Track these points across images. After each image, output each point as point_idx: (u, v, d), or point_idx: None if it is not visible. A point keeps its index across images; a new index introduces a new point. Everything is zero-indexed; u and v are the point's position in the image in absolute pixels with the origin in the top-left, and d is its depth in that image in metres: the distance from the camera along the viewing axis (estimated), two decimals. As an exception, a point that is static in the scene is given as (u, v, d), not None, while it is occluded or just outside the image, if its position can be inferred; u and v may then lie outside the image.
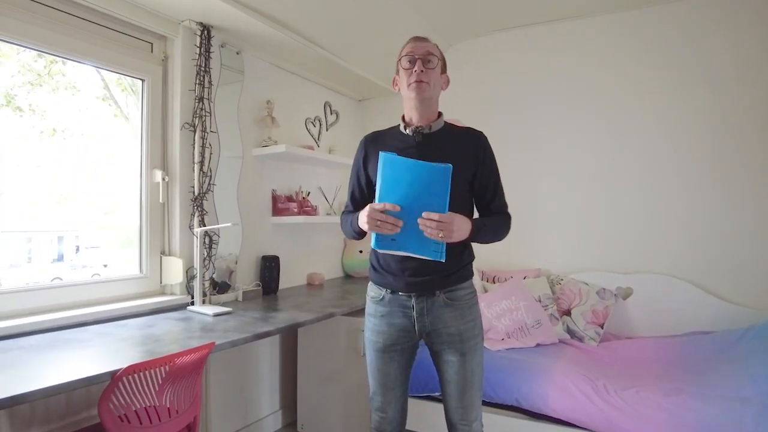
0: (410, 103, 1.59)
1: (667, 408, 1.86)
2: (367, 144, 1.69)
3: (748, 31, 2.59)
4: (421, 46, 1.57)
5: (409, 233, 1.43)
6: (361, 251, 3.38)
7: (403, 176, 1.41)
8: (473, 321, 1.60)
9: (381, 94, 3.54)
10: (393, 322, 1.60)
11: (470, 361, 1.58)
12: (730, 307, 2.56)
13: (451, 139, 1.61)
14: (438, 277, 1.56)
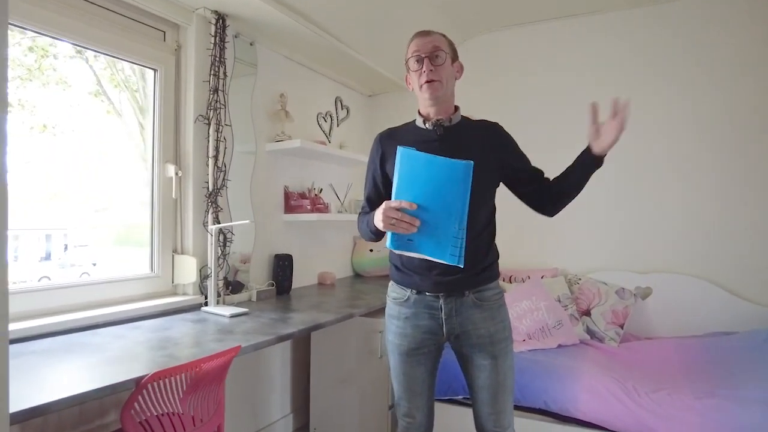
0: (426, 102, 1.54)
1: (700, 411, 1.80)
2: (383, 141, 1.62)
3: (756, 28, 2.55)
4: (426, 42, 1.51)
5: (427, 233, 1.33)
6: (372, 250, 3.31)
7: (421, 172, 1.31)
8: (503, 322, 1.54)
9: (392, 89, 3.46)
10: (418, 324, 1.53)
11: (502, 365, 1.52)
12: (752, 307, 2.51)
13: (471, 131, 1.56)
14: (467, 276, 1.48)
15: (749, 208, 2.58)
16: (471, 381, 1.57)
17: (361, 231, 1.66)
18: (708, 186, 2.67)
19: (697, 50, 2.70)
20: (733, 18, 2.62)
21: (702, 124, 2.68)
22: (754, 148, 2.57)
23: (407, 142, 1.51)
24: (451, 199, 1.30)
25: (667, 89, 2.76)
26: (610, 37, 2.90)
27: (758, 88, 2.57)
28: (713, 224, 2.65)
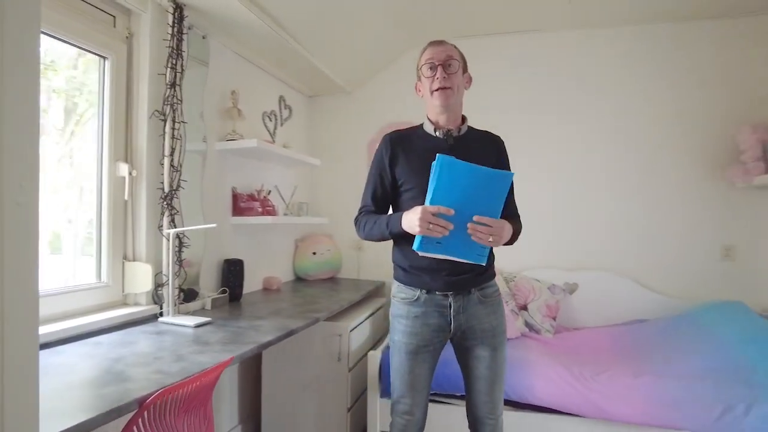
0: (436, 109, 1.61)
1: (639, 388, 2.06)
2: (394, 143, 1.65)
3: (678, 53, 2.97)
4: (440, 51, 1.59)
5: (456, 237, 1.42)
6: (315, 253, 3.27)
7: (459, 180, 1.39)
8: (502, 316, 1.67)
9: (332, 91, 3.45)
10: (428, 322, 1.60)
11: (500, 356, 1.64)
12: (660, 298, 2.91)
13: (477, 142, 1.66)
14: (473, 276, 1.59)
15: (659, 213, 2.99)
16: (469, 371, 1.66)
17: (366, 231, 1.66)
18: (624, 193, 3.04)
19: (624, 70, 3.06)
20: (656, 47, 3.01)
21: (623, 138, 3.05)
22: (668, 165, 2.98)
23: (418, 147, 1.60)
24: (485, 204, 1.41)
25: (597, 103, 3.09)
26: (551, 54, 3.17)
27: (672, 108, 2.98)
28: (629, 227, 3.02)
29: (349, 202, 3.49)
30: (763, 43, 2.85)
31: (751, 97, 2.86)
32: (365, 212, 1.70)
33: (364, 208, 1.72)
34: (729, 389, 1.98)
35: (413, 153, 1.62)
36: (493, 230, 1.42)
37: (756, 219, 2.85)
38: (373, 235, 1.63)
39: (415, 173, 1.59)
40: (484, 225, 1.41)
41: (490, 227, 1.41)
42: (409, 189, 1.62)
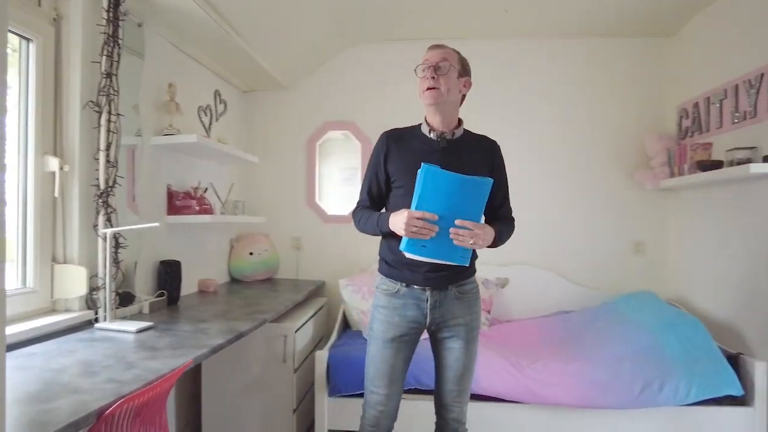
0: (428, 109, 1.68)
1: (571, 373, 2.24)
2: (389, 141, 1.71)
3: (594, 75, 3.24)
4: (435, 54, 1.65)
5: (440, 240, 1.51)
6: (252, 253, 3.18)
7: (443, 188, 1.48)
8: (478, 312, 1.75)
9: (269, 87, 3.37)
10: (406, 314, 1.67)
11: (472, 349, 1.72)
12: (583, 290, 3.17)
13: (471, 146, 1.72)
14: (452, 273, 1.66)
15: (579, 212, 3.25)
16: (440, 360, 1.73)
17: (361, 225, 1.74)
18: (549, 194, 3.26)
19: (550, 79, 3.28)
20: (579, 59, 3.26)
21: (547, 143, 3.27)
22: (586, 165, 3.24)
23: (413, 147, 1.66)
24: (467, 210, 1.50)
25: (525, 109, 3.29)
26: (486, 61, 3.29)
27: (591, 116, 3.25)
28: (553, 225, 3.26)
29: (287, 201, 3.44)
30: (670, 62, 3.19)
31: (658, 109, 3.21)
32: (362, 207, 1.77)
33: (360, 202, 1.79)
34: (645, 369, 2.21)
35: (407, 151, 1.67)
36: (474, 233, 1.50)
37: (662, 217, 3.19)
38: (366, 230, 1.71)
39: (405, 171, 1.65)
40: (466, 228, 1.50)
41: (471, 230, 1.50)
42: (400, 186, 1.67)
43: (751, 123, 2.42)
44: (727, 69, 2.59)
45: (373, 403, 1.70)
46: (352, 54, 3.40)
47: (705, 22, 2.84)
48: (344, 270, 3.32)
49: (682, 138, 3.02)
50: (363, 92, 3.40)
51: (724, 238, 2.63)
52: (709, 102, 2.75)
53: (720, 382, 2.18)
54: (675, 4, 2.80)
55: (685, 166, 2.75)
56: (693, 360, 2.22)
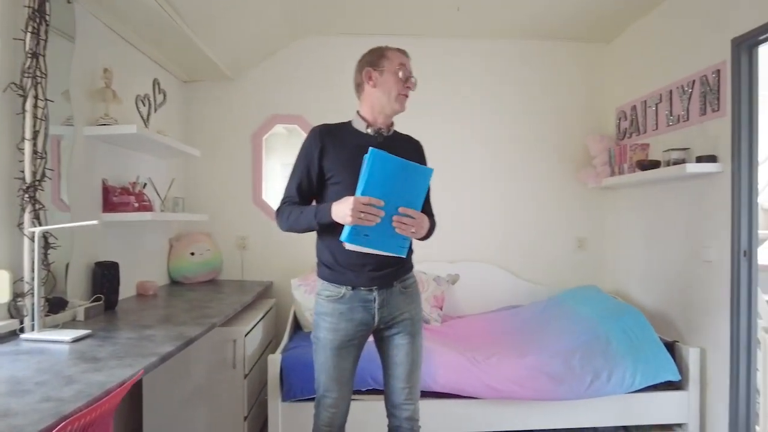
0: (384, 109, 1.66)
1: (525, 366, 2.28)
2: (323, 136, 1.66)
3: (542, 77, 3.34)
4: (408, 61, 1.69)
5: (381, 230, 1.47)
6: (193, 253, 3.00)
7: (388, 174, 1.44)
8: (420, 304, 1.77)
9: (212, 76, 3.18)
10: (353, 317, 1.62)
11: (417, 342, 1.72)
12: (529, 285, 3.27)
13: (402, 143, 1.75)
14: (395, 270, 1.66)
15: (525, 210, 3.35)
16: (388, 359, 1.71)
17: (288, 221, 1.64)
18: (496, 193, 3.34)
19: (499, 79, 3.34)
20: (528, 60, 3.34)
21: (495, 142, 3.34)
22: (531, 164, 3.35)
23: (349, 142, 1.64)
24: (408, 198, 1.47)
25: (475, 109, 3.33)
26: (437, 59, 3.32)
27: (538, 117, 3.35)
28: (501, 222, 3.34)
29: (231, 197, 3.28)
30: (609, 67, 3.35)
31: (599, 111, 3.36)
32: (289, 203, 1.67)
33: (287, 198, 1.68)
34: (594, 361, 2.30)
35: (343, 147, 1.64)
36: (416, 222, 1.50)
37: (603, 215, 3.36)
38: (299, 225, 1.61)
39: (344, 167, 1.61)
40: (409, 217, 1.48)
41: (413, 219, 1.49)
42: (338, 182, 1.63)
43: (684, 126, 2.58)
44: (662, 75, 2.75)
45: (327, 406, 1.68)
46: (301, 46, 3.29)
47: (641, 31, 3.00)
48: (293, 270, 3.21)
49: (620, 139, 3.18)
50: (312, 86, 3.30)
51: (658, 233, 2.79)
52: (646, 105, 2.91)
53: (660, 369, 2.31)
54: (612, 13, 2.94)
55: (625, 165, 2.89)
56: (636, 350, 2.34)
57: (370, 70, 1.66)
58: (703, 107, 2.42)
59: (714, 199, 2.35)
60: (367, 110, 1.69)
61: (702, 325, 2.42)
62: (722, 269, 2.29)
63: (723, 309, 2.27)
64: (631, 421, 2.34)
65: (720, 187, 2.31)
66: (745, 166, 2.21)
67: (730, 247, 2.25)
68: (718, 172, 2.30)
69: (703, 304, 2.42)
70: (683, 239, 2.57)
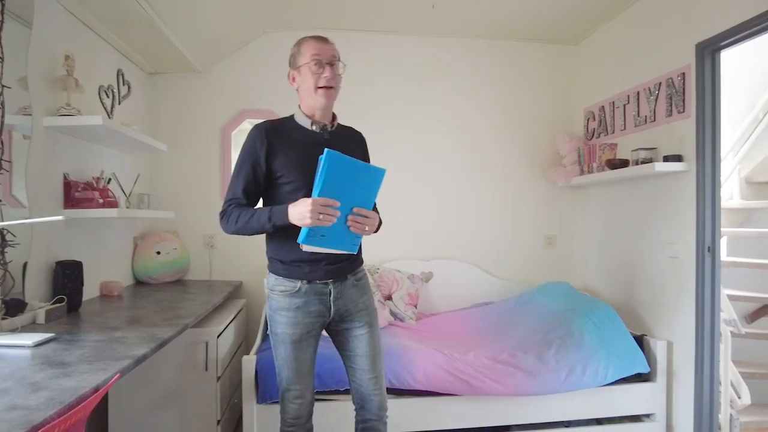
0: (316, 105, 1.64)
1: (501, 363, 2.30)
2: (269, 135, 1.62)
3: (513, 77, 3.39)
4: (327, 49, 1.62)
5: (336, 230, 1.50)
6: (159, 252, 2.87)
7: (343, 174, 1.46)
8: (372, 296, 1.81)
9: (180, 68, 3.06)
10: (309, 310, 1.64)
11: (376, 331, 1.76)
12: (500, 282, 3.30)
13: (347, 137, 1.76)
14: (349, 263, 1.71)
15: (496, 208, 3.38)
16: (350, 352, 1.73)
17: (236, 224, 1.59)
18: (468, 191, 3.36)
19: (472, 79, 3.36)
20: (499, 60, 3.38)
21: (468, 142, 3.36)
22: (502, 164, 3.39)
23: (296, 141, 1.63)
24: (361, 197, 1.52)
25: (448, 107, 3.34)
26: (409, 56, 3.31)
27: (509, 116, 3.39)
28: (473, 220, 3.36)
29: (198, 194, 3.18)
30: (578, 68, 3.44)
31: (568, 111, 3.44)
32: (235, 205, 1.62)
33: (233, 200, 1.63)
34: (569, 355, 2.34)
35: (292, 146, 1.63)
36: (368, 221, 1.54)
37: (572, 213, 3.44)
38: (249, 228, 1.58)
39: (296, 167, 1.61)
40: (362, 216, 1.52)
41: (367, 218, 1.53)
42: (289, 182, 1.62)
43: (651, 126, 2.67)
44: (630, 77, 2.84)
45: (292, 399, 1.69)
46: (273, 40, 3.21)
47: (609, 33, 3.09)
48: (264, 269, 3.10)
49: (589, 139, 3.26)
50: (284, 81, 3.17)
51: (626, 230, 2.88)
52: (614, 106, 2.99)
53: (631, 361, 2.38)
54: (581, 16, 3.01)
55: (594, 164, 2.97)
56: (609, 344, 2.39)
57: (291, 70, 1.68)
58: (669, 108, 2.51)
59: (679, 196, 2.44)
60: (304, 107, 1.68)
61: (668, 319, 2.51)
62: (687, 265, 2.38)
63: (688, 303, 2.36)
64: (602, 413, 2.40)
65: (685, 185, 2.40)
66: (708, 165, 2.30)
67: (695, 243, 2.34)
68: (684, 170, 2.39)
69: (670, 298, 2.51)
70: (650, 236, 2.66)
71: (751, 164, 3.43)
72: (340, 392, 2.20)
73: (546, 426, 2.38)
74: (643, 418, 2.47)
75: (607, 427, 2.41)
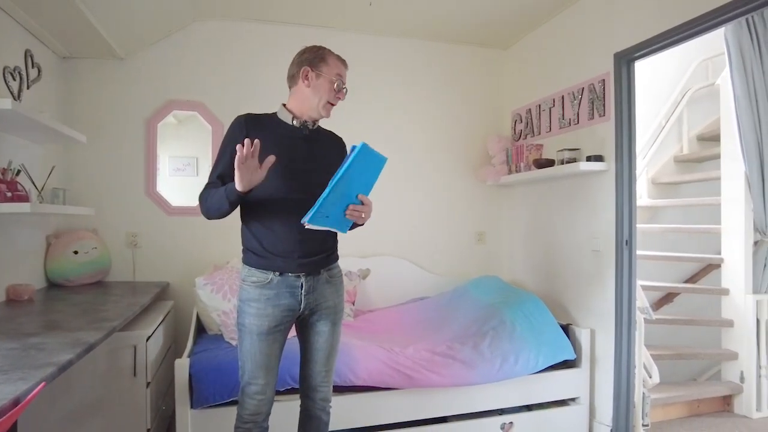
0: (311, 111, 1.72)
1: (439, 355, 2.35)
2: (249, 124, 1.68)
3: (447, 79, 3.48)
4: (346, 74, 1.77)
5: (338, 212, 1.57)
6: (76, 252, 2.64)
7: (363, 166, 1.53)
8: (343, 294, 1.84)
9: (99, 54, 2.83)
10: (279, 303, 1.65)
11: (337, 331, 1.80)
12: (434, 277, 3.38)
13: (327, 139, 1.82)
14: (323, 257, 1.73)
15: (430, 206, 3.46)
16: (309, 345, 1.77)
17: (205, 205, 1.65)
18: (403, 189, 3.41)
19: (408, 78, 3.41)
20: (433, 62, 3.45)
21: (402, 140, 3.40)
22: (436, 162, 3.47)
23: (276, 133, 1.68)
24: (364, 184, 1.59)
25: (384, 107, 3.36)
26: (346, 54, 3.26)
27: (442, 117, 3.48)
28: (408, 217, 3.42)
29: (120, 189, 2.97)
30: (507, 72, 3.60)
31: (498, 112, 3.59)
32: (213, 187, 1.67)
33: (210, 184, 1.69)
34: (502, 345, 2.44)
35: (269, 135, 1.65)
36: (366, 209, 1.60)
37: (500, 210, 3.60)
38: (214, 205, 1.62)
39: (268, 154, 1.60)
40: (362, 205, 1.59)
41: (365, 207, 1.59)
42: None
43: (574, 128, 2.85)
44: (555, 82, 3.02)
45: (252, 394, 1.67)
46: (203, 29, 3.07)
47: (536, 40, 3.26)
48: (192, 269, 2.99)
49: (516, 140, 3.42)
50: (214, 72, 3.10)
51: (551, 226, 3.05)
52: (540, 109, 3.17)
53: (559, 349, 2.53)
54: (510, 22, 3.15)
55: (521, 164, 3.12)
56: (538, 333, 2.53)
57: (308, 69, 1.70)
58: (591, 112, 2.70)
59: (600, 194, 2.63)
60: (294, 105, 1.73)
61: (591, 308, 2.70)
62: (607, 258, 2.57)
63: (609, 293, 2.55)
64: (533, 399, 2.52)
65: (605, 183, 2.59)
66: (626, 165, 2.50)
67: (614, 237, 2.53)
68: (604, 170, 2.58)
69: (592, 289, 2.69)
70: (574, 231, 2.84)
71: (656, 166, 3.78)
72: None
73: (481, 415, 2.46)
74: (569, 401, 2.63)
75: (537, 412, 2.54)
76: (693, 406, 3.01)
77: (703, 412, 3.02)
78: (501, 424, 2.44)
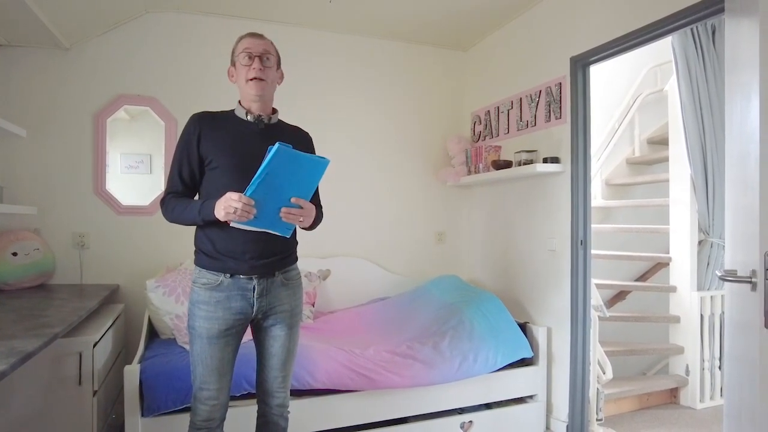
0: (250, 97, 1.67)
1: (400, 356, 2.34)
2: (202, 123, 1.66)
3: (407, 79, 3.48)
4: (258, 44, 1.67)
5: (270, 212, 1.51)
6: (15, 254, 2.48)
7: (287, 167, 1.46)
8: (301, 298, 1.80)
9: (39, 44, 2.67)
10: (230, 306, 1.61)
11: (294, 335, 1.76)
12: (396, 277, 3.38)
13: (288, 134, 1.76)
14: (277, 259, 1.68)
15: (391, 206, 3.46)
16: (264, 350, 1.73)
17: (173, 214, 1.63)
18: (364, 189, 3.39)
19: (369, 79, 3.37)
20: (396, 63, 3.42)
21: (364, 141, 3.38)
22: (397, 163, 3.46)
23: (229, 130, 1.65)
24: (301, 188, 1.54)
25: (346, 106, 3.32)
26: (306, 51, 3.23)
27: (403, 118, 3.47)
28: (369, 218, 3.40)
29: (66, 186, 2.82)
30: (466, 73, 3.63)
31: (458, 114, 3.63)
32: (173, 195, 1.67)
33: (170, 189, 1.68)
34: (461, 344, 2.46)
35: (222, 132, 1.65)
36: (304, 212, 1.55)
37: (459, 211, 3.63)
38: (184, 219, 1.62)
39: (222, 151, 1.63)
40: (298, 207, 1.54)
41: (302, 209, 1.54)
42: (215, 167, 1.63)
43: (532, 130, 2.91)
44: (513, 84, 3.07)
45: (204, 399, 1.63)
46: (155, 20, 2.95)
47: (495, 42, 3.30)
48: (144, 271, 2.86)
49: (476, 141, 3.46)
50: (167, 66, 2.98)
51: (509, 226, 3.10)
52: (499, 111, 3.21)
53: (517, 347, 2.57)
54: (469, 24, 3.19)
55: (480, 165, 3.16)
56: (497, 332, 2.56)
57: (230, 67, 1.71)
58: (548, 114, 2.76)
59: (557, 195, 2.69)
60: (242, 100, 1.72)
61: (548, 307, 2.76)
62: (563, 257, 2.63)
63: (565, 292, 2.61)
64: (492, 397, 2.55)
65: (561, 184, 2.65)
66: (581, 167, 2.56)
67: (569, 237, 2.59)
68: (560, 171, 2.64)
69: (548, 287, 2.75)
70: (531, 231, 2.90)
71: (609, 168, 3.91)
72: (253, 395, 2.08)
73: (441, 414, 2.47)
74: (527, 399, 2.68)
75: (496, 410, 2.57)
76: (643, 400, 3.12)
77: (652, 405, 3.14)
78: (461, 423, 2.45)
